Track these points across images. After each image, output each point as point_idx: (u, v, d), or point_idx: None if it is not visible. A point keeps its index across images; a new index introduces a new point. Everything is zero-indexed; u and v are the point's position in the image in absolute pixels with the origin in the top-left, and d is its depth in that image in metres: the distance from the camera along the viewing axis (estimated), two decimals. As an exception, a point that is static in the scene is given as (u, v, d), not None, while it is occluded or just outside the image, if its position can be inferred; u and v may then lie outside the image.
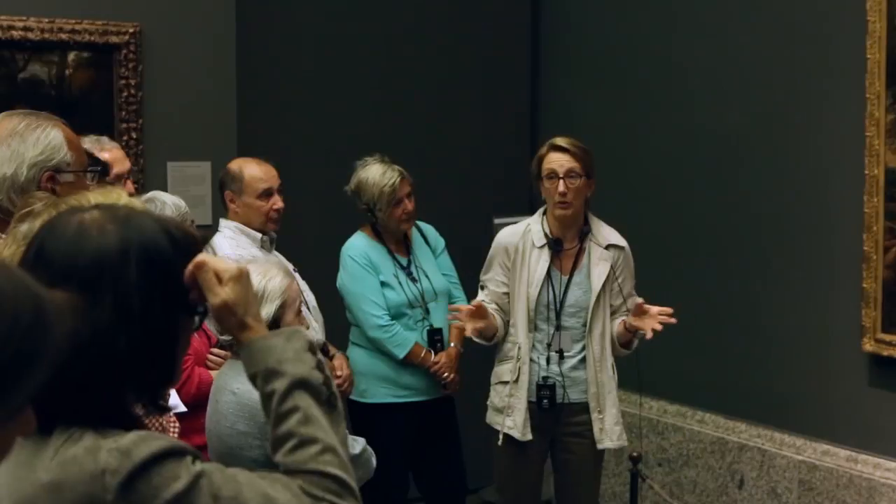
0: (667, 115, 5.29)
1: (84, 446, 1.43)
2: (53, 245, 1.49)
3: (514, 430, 4.09)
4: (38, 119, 2.42)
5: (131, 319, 1.46)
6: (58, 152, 2.38)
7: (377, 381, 4.49)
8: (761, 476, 4.77)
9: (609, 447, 4.19)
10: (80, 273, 1.46)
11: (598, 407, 4.14)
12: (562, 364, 4.11)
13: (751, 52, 4.86)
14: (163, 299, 1.49)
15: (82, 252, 1.48)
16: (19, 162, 2.34)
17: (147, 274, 1.48)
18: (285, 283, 3.16)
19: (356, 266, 4.47)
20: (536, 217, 4.23)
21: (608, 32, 5.65)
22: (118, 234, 1.49)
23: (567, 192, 4.07)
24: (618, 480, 5.39)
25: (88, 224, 1.50)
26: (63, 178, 2.38)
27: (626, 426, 5.41)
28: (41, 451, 1.46)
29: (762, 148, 4.83)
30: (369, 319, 4.44)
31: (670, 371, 5.29)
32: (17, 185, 2.34)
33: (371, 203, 4.45)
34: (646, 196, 5.41)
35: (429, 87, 5.77)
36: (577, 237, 4.19)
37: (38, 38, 4.63)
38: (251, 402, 3.03)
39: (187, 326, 1.57)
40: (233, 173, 4.30)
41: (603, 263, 4.16)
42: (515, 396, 4.10)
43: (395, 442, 4.40)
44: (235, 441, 3.05)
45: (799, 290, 4.68)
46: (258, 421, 3.02)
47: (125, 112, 4.82)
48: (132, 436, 1.44)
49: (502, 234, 4.25)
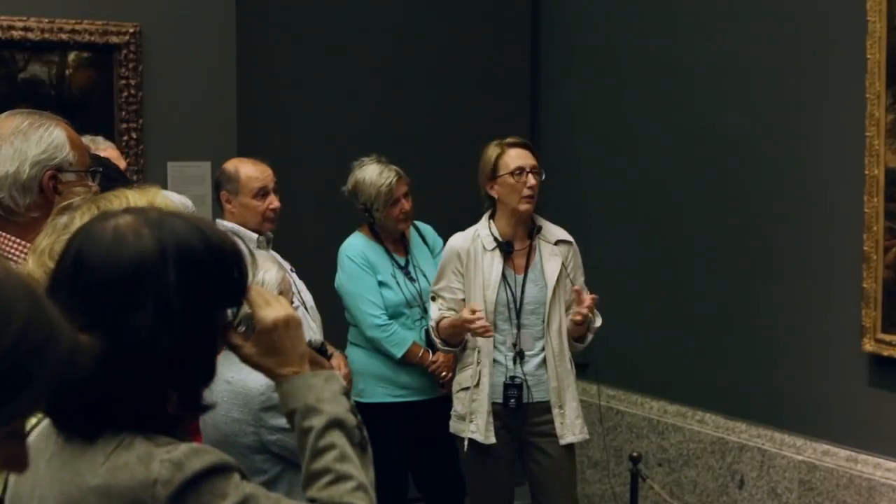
0: (667, 115, 5.29)
1: (136, 454, 1.46)
2: (92, 252, 1.51)
3: (476, 434, 4.08)
4: (41, 118, 2.43)
5: (173, 320, 1.48)
6: (60, 151, 2.39)
7: (375, 380, 4.49)
8: (761, 476, 4.76)
9: (572, 441, 4.18)
10: (120, 279, 1.48)
11: (559, 402, 4.15)
12: (524, 364, 4.12)
13: (751, 51, 4.86)
14: (201, 298, 1.52)
15: (121, 258, 1.49)
16: (22, 160, 2.35)
17: (185, 274, 1.50)
18: (280, 276, 3.23)
19: (354, 266, 4.48)
20: (483, 222, 4.23)
21: (609, 32, 5.65)
22: (154, 237, 1.51)
23: (535, 185, 4.09)
24: (618, 480, 5.39)
25: (124, 230, 1.52)
26: (65, 178, 2.39)
27: (627, 425, 5.43)
28: (88, 455, 1.48)
29: (762, 148, 4.82)
30: (367, 319, 4.45)
31: (670, 371, 5.29)
32: (19, 183, 2.35)
33: (368, 203, 4.46)
34: (645, 195, 5.41)
35: (427, 86, 5.77)
36: (526, 236, 4.22)
37: (38, 39, 4.64)
38: (245, 391, 3.10)
39: (225, 325, 1.60)
40: (228, 173, 4.30)
41: (554, 259, 4.20)
42: (477, 401, 4.10)
43: (393, 442, 4.40)
44: (230, 428, 3.12)
45: (799, 290, 4.67)
46: (252, 408, 3.09)
47: (125, 112, 4.82)
48: (185, 448, 1.47)
49: (452, 241, 4.25)
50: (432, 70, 5.78)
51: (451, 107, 5.80)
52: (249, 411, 3.10)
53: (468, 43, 5.86)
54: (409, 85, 5.71)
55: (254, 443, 3.11)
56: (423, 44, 5.75)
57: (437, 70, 5.79)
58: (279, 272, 3.25)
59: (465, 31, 5.86)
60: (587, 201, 5.73)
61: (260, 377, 3.09)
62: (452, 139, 5.66)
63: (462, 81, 5.84)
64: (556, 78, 6.03)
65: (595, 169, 5.73)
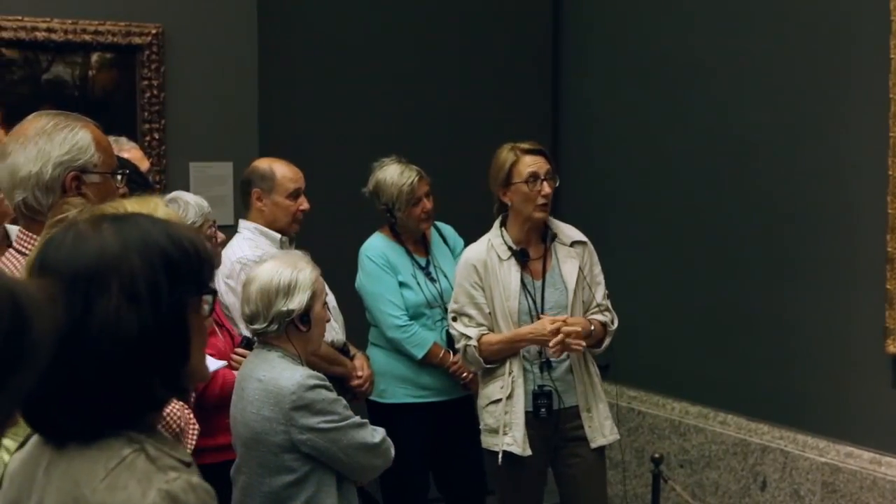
0: (687, 116, 5.27)
1: (137, 477, 1.47)
2: (53, 255, 1.54)
3: (513, 447, 3.99)
4: (66, 119, 2.44)
5: (140, 303, 1.50)
6: (84, 153, 2.40)
7: (396, 381, 4.49)
8: (784, 478, 4.74)
9: (602, 443, 4.11)
10: (83, 272, 1.50)
11: (587, 405, 4.10)
12: (552, 371, 4.08)
13: (773, 51, 4.84)
14: (168, 282, 1.53)
15: (83, 253, 1.52)
16: (45, 161, 2.37)
17: (149, 260, 1.52)
18: (314, 275, 3.26)
19: (374, 266, 4.48)
20: (495, 231, 4.14)
21: (629, 34, 5.63)
22: (114, 230, 1.54)
23: (549, 193, 4.04)
24: (639, 482, 5.37)
25: (83, 230, 1.55)
26: (89, 179, 2.40)
27: (648, 426, 5.42)
28: (87, 466, 1.49)
29: (785, 148, 4.80)
30: (388, 320, 4.45)
31: (692, 372, 5.27)
32: (42, 184, 2.36)
33: (390, 203, 4.46)
34: (666, 196, 5.39)
35: (448, 88, 5.77)
36: (540, 241, 4.16)
37: (61, 40, 4.66)
38: (276, 389, 3.12)
39: (198, 308, 1.60)
40: (262, 171, 4.30)
41: (571, 261, 4.14)
42: (511, 412, 4.02)
43: (414, 442, 4.39)
44: (261, 426, 3.15)
45: (822, 292, 4.65)
46: (283, 407, 3.11)
47: (148, 112, 4.84)
48: (184, 482, 1.48)
49: (467, 255, 4.16)
50: (453, 71, 5.78)
51: (471, 108, 5.80)
52: (280, 410, 3.12)
53: (488, 44, 5.86)
54: (430, 86, 5.72)
55: (284, 441, 3.13)
56: (443, 45, 5.75)
57: (458, 71, 5.79)
58: (313, 272, 3.27)
59: (485, 32, 5.86)
60: (608, 202, 5.72)
61: (292, 376, 3.14)
62: (472, 140, 5.65)
63: (482, 82, 5.84)
64: (577, 79, 6.02)
65: (615, 170, 5.72)
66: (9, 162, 2.39)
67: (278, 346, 3.24)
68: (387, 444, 3.31)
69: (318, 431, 3.14)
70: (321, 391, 3.17)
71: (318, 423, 3.14)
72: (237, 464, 3.29)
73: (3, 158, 2.40)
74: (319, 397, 3.15)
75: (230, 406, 3.32)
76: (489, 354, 4.04)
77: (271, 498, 3.18)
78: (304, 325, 3.23)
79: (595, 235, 4.39)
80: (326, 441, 3.15)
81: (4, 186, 2.42)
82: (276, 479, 3.17)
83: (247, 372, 3.27)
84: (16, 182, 2.37)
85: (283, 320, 3.21)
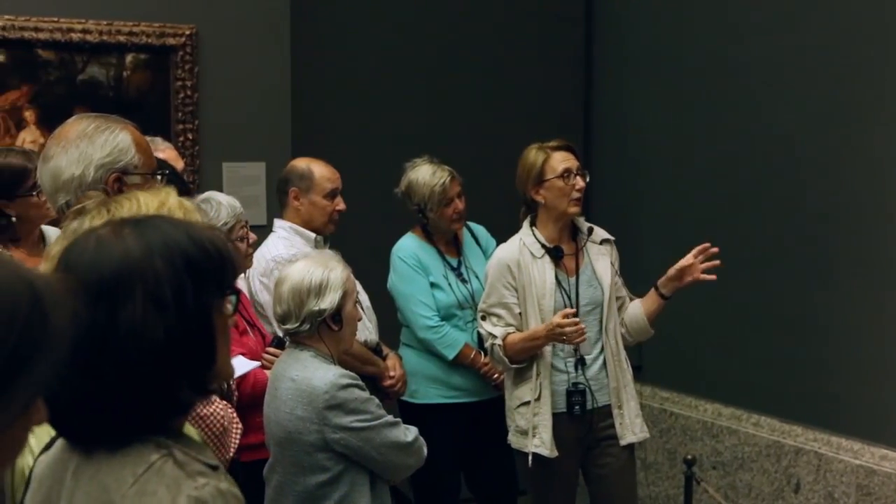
0: (720, 115, 5.24)
1: (166, 483, 1.47)
2: (76, 261, 1.53)
3: (541, 448, 3.99)
4: (107, 122, 2.45)
5: (165, 307, 1.50)
6: (125, 154, 2.42)
7: (427, 381, 4.50)
8: (818, 480, 4.71)
9: (632, 441, 4.10)
10: (108, 278, 1.50)
11: (619, 402, 4.09)
12: (586, 370, 4.07)
13: (807, 49, 4.81)
14: (192, 284, 1.53)
15: (106, 259, 1.52)
16: (87, 163, 2.38)
17: (172, 263, 1.52)
18: (345, 274, 3.27)
19: (406, 267, 4.49)
20: (525, 230, 4.13)
21: (661, 32, 5.61)
22: (136, 235, 1.54)
23: (583, 187, 4.05)
24: (672, 483, 5.35)
25: (106, 237, 1.55)
26: (130, 181, 2.42)
27: (681, 427, 5.39)
28: (116, 471, 1.49)
29: (818, 149, 4.77)
30: (419, 320, 4.46)
31: (725, 373, 5.24)
32: (85, 186, 2.38)
33: (422, 203, 4.46)
34: (699, 196, 5.37)
35: (480, 88, 5.77)
36: (570, 239, 4.16)
37: (96, 41, 4.70)
38: (309, 389, 3.13)
39: (221, 309, 1.60)
40: (300, 171, 4.32)
41: (603, 259, 4.15)
42: (539, 414, 4.01)
43: (445, 442, 4.39)
44: (294, 426, 3.16)
45: (856, 292, 4.62)
46: (316, 406, 3.12)
47: (181, 113, 4.87)
48: (213, 488, 1.48)
49: (499, 254, 4.15)
50: (485, 71, 5.78)
51: (503, 108, 5.80)
52: (313, 409, 3.13)
53: (520, 44, 5.86)
54: (462, 86, 5.72)
55: (317, 441, 3.15)
56: (475, 45, 5.75)
57: (490, 71, 5.79)
58: (344, 272, 3.28)
59: (517, 32, 5.86)
60: (639, 201, 5.70)
61: (325, 376, 3.15)
62: (504, 140, 5.63)
63: (514, 83, 5.84)
64: (609, 78, 6.00)
65: (648, 169, 5.70)
66: (51, 165, 2.40)
67: (310, 346, 3.25)
68: (419, 443, 3.32)
69: (351, 430, 3.15)
70: (354, 390, 3.17)
71: (351, 423, 3.14)
72: (270, 463, 3.30)
73: (46, 162, 2.42)
74: (352, 396, 3.16)
75: (263, 405, 3.34)
76: (513, 353, 4.03)
77: (305, 497, 3.19)
78: (335, 325, 3.24)
79: (626, 234, 4.38)
80: (359, 440, 3.15)
81: (47, 189, 2.43)
82: (310, 478, 3.18)
83: (279, 371, 3.29)
84: (58, 185, 2.39)
85: (315, 320, 3.22)
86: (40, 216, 3.32)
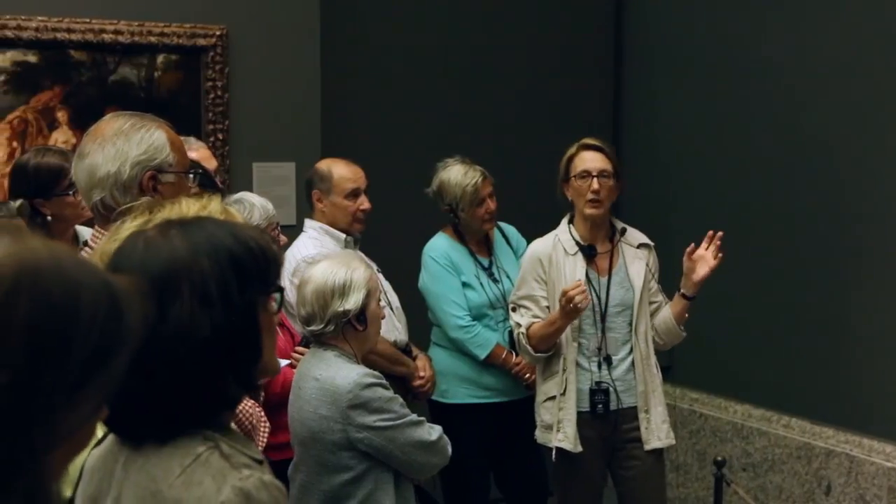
0: (753, 114, 5.22)
1: (212, 473, 1.51)
2: (125, 263, 1.57)
3: (565, 443, 4.01)
4: (142, 120, 2.47)
5: (212, 305, 1.53)
6: (160, 152, 2.43)
7: (458, 381, 4.50)
8: (849, 483, 4.68)
9: (657, 446, 4.09)
10: (155, 277, 1.53)
11: (646, 406, 4.09)
12: (612, 370, 4.07)
13: (844, 46, 4.78)
14: (237, 282, 1.56)
15: (154, 259, 1.56)
16: (123, 160, 2.40)
17: (217, 262, 1.56)
18: (368, 274, 3.27)
19: (437, 267, 4.49)
20: (563, 226, 4.17)
21: (693, 29, 5.59)
22: (183, 236, 1.58)
23: (600, 189, 4.04)
24: (701, 485, 5.33)
25: (153, 238, 1.59)
26: (164, 179, 2.43)
27: (710, 429, 5.37)
28: (164, 463, 1.53)
29: (851, 146, 4.74)
30: (450, 320, 4.46)
31: (755, 374, 5.22)
32: (120, 183, 2.40)
33: (453, 203, 4.46)
34: (731, 195, 5.34)
35: (510, 87, 5.77)
36: (606, 239, 4.16)
37: (128, 42, 4.72)
38: (333, 388, 3.14)
39: (267, 307, 1.63)
40: (321, 173, 4.34)
41: (638, 262, 4.15)
42: (564, 409, 4.03)
43: (475, 442, 4.40)
44: (318, 425, 3.16)
45: (889, 293, 4.58)
46: (340, 406, 3.12)
47: (212, 113, 4.89)
48: (257, 479, 1.51)
49: (533, 247, 4.18)
50: (515, 70, 5.78)
51: (534, 107, 5.80)
52: (337, 409, 3.14)
53: (551, 43, 5.85)
54: (492, 85, 5.72)
55: (341, 440, 3.15)
56: (505, 44, 5.75)
57: (520, 72, 5.79)
58: (367, 271, 3.27)
59: (547, 31, 5.85)
60: (671, 202, 5.68)
61: (348, 375, 3.15)
62: (535, 140, 5.65)
63: (545, 83, 5.84)
64: (640, 78, 5.98)
65: (679, 169, 5.68)
66: (87, 162, 2.42)
67: (334, 346, 3.25)
68: (443, 442, 3.32)
69: (374, 430, 3.15)
70: (377, 389, 3.18)
71: (374, 422, 3.14)
72: (295, 462, 3.31)
73: (82, 158, 2.44)
74: (376, 395, 3.16)
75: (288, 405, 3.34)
76: (536, 342, 4.05)
77: (329, 496, 3.19)
78: (360, 325, 3.24)
79: (657, 234, 4.36)
80: (383, 439, 3.15)
81: (82, 186, 2.45)
82: (334, 477, 3.19)
83: (304, 371, 3.29)
84: (94, 182, 2.41)
85: (340, 321, 3.22)
86: (75, 216, 3.34)
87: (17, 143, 4.57)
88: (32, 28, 4.56)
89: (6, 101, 4.55)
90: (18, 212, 3.24)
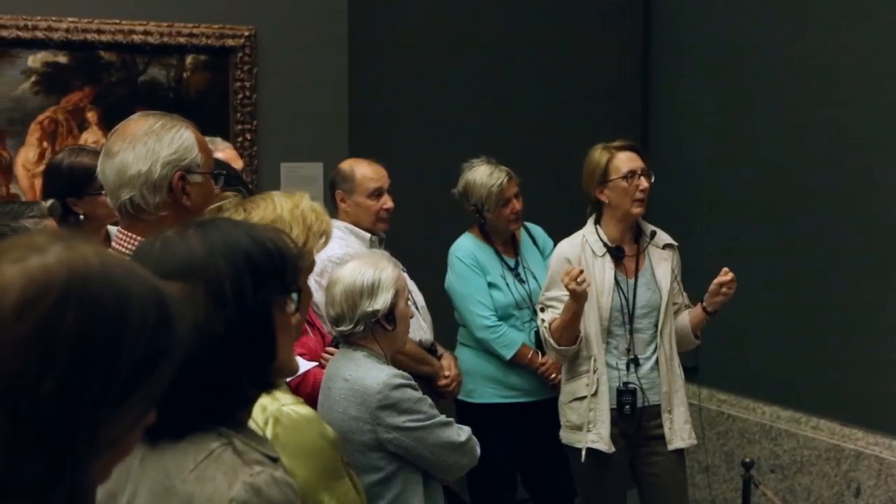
0: (781, 115, 5.19)
1: (223, 470, 1.53)
2: (144, 261, 1.58)
3: (599, 444, 4.01)
4: (171, 120, 2.48)
5: (226, 304, 1.56)
6: (189, 153, 2.44)
7: (484, 381, 4.50)
8: (879, 485, 4.64)
9: (680, 446, 4.10)
10: (172, 276, 1.53)
11: (669, 406, 4.09)
12: (638, 370, 4.07)
13: (870, 47, 4.75)
14: (252, 282, 1.59)
15: (171, 258, 1.59)
16: (154, 160, 2.40)
17: (233, 262, 1.59)
18: (396, 273, 3.27)
19: (463, 267, 4.49)
20: (589, 227, 4.16)
21: (721, 30, 5.56)
22: (199, 235, 1.61)
23: (647, 188, 4.05)
24: (729, 486, 5.31)
25: (170, 238, 1.63)
26: (193, 179, 2.44)
27: (738, 430, 5.35)
28: (179, 458, 1.56)
29: (882, 146, 4.71)
30: (476, 320, 4.46)
31: (783, 376, 5.19)
32: (150, 182, 2.40)
33: (479, 204, 4.47)
34: (759, 197, 5.32)
35: (538, 88, 5.76)
36: (633, 240, 4.16)
37: (157, 42, 4.75)
38: (362, 389, 3.14)
39: (283, 307, 1.65)
40: (344, 173, 4.36)
41: (664, 263, 4.16)
42: (596, 409, 4.03)
43: (502, 442, 4.40)
44: (347, 426, 3.16)
45: (919, 295, 4.55)
46: (369, 406, 3.12)
47: (240, 114, 4.91)
48: (268, 476, 1.53)
49: (560, 248, 4.19)
50: (543, 71, 5.77)
51: (561, 108, 5.79)
52: (366, 409, 3.14)
53: (578, 43, 5.84)
54: (520, 86, 5.72)
55: (370, 440, 3.15)
56: (533, 46, 5.75)
57: (548, 71, 5.78)
58: (394, 270, 3.28)
59: (575, 32, 5.84)
60: (699, 203, 5.66)
61: (378, 376, 3.16)
62: (562, 141, 5.64)
63: (572, 83, 5.83)
64: (668, 78, 5.96)
65: (707, 170, 5.66)
66: (117, 160, 2.41)
67: (364, 346, 3.26)
68: (472, 443, 3.32)
69: (404, 430, 3.15)
70: (407, 390, 3.18)
71: (404, 422, 3.15)
72: (324, 463, 3.32)
73: (110, 157, 2.43)
74: (405, 396, 3.17)
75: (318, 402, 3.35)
76: (558, 336, 4.05)
77: (358, 496, 3.20)
78: (389, 324, 3.24)
79: (685, 235, 4.36)
80: (412, 440, 3.16)
81: (110, 185, 2.44)
82: (363, 477, 3.18)
83: (333, 371, 3.29)
84: (124, 181, 2.40)
85: (369, 321, 3.22)
86: (108, 215, 3.36)
87: (48, 143, 4.61)
88: (63, 29, 4.59)
89: (37, 101, 4.59)
90: (49, 211, 3.26)
